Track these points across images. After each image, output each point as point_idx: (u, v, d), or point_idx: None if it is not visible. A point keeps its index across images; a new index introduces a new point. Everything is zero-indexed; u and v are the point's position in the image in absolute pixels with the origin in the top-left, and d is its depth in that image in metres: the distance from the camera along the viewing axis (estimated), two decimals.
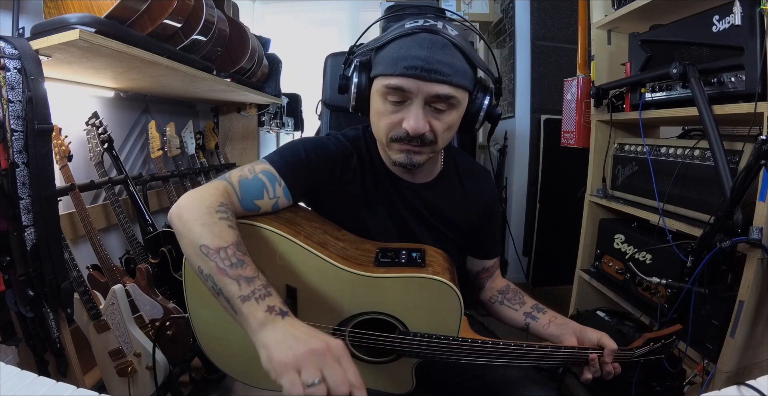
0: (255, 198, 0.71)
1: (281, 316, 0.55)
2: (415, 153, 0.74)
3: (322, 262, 0.70)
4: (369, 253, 0.77)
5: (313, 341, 0.52)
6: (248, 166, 0.75)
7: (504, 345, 0.72)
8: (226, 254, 0.59)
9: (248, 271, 0.58)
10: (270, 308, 0.55)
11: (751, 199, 0.89)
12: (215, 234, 0.61)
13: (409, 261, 0.73)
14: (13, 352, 1.16)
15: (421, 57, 0.67)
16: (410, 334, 0.71)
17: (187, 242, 0.62)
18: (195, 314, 0.77)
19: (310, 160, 0.77)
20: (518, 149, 2.58)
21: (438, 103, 0.70)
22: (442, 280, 0.69)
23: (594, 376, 0.77)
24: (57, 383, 0.58)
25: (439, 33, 0.69)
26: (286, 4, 3.32)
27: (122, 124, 1.80)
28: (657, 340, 0.82)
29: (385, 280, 0.70)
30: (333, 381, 0.49)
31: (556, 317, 0.86)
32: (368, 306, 0.72)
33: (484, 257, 0.95)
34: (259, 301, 0.56)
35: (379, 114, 0.74)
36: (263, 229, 0.70)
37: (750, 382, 0.61)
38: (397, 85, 0.69)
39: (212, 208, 0.64)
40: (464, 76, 0.70)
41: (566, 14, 2.36)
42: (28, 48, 0.98)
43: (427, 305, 0.71)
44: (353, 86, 0.75)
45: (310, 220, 0.80)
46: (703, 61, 1.06)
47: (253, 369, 0.80)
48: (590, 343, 0.79)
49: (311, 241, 0.72)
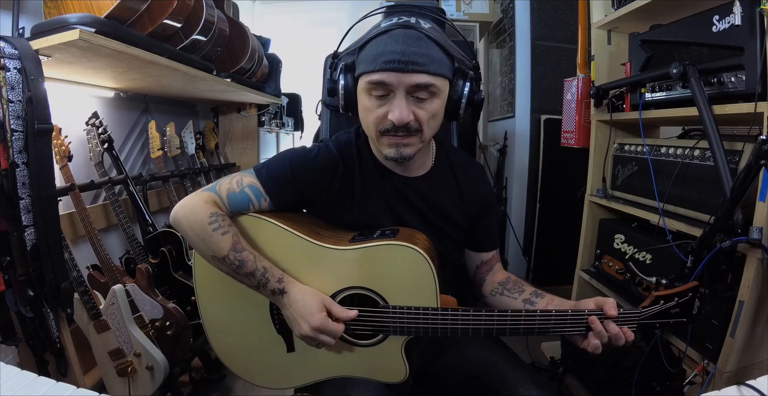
0: (242, 209, 0.80)
1: (281, 296, 0.74)
2: (404, 145, 0.76)
3: (303, 241, 0.77)
4: (347, 235, 0.81)
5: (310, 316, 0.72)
6: (237, 178, 0.81)
7: (487, 312, 0.73)
8: (229, 261, 0.74)
9: (248, 267, 0.74)
10: (273, 291, 0.74)
11: (751, 199, 0.89)
12: (212, 245, 0.74)
13: (381, 235, 0.78)
14: (13, 352, 1.16)
15: (397, 51, 0.70)
16: (390, 307, 0.74)
17: (197, 251, 0.79)
18: (204, 310, 0.83)
19: (295, 175, 0.81)
20: (518, 149, 2.58)
21: (419, 92, 0.73)
22: (408, 246, 0.72)
23: (602, 341, 0.72)
24: (57, 383, 0.58)
25: (413, 27, 0.72)
26: (286, 4, 3.32)
27: (122, 124, 1.80)
28: (669, 299, 0.74)
29: (358, 252, 0.75)
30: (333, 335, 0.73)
31: (554, 299, 0.85)
32: (349, 282, 0.76)
33: (481, 250, 0.96)
34: (263, 289, 0.75)
35: (366, 110, 0.77)
36: (250, 216, 0.79)
37: (750, 382, 0.61)
38: (378, 80, 0.72)
39: (204, 221, 0.75)
40: (441, 64, 0.73)
41: (566, 14, 2.37)
42: (28, 48, 0.98)
43: (402, 275, 0.74)
44: (340, 88, 0.78)
45: (298, 213, 0.86)
46: (703, 61, 1.06)
47: (258, 366, 0.83)
48: (587, 308, 0.75)
49: (294, 224, 0.79)
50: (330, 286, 0.77)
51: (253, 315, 0.82)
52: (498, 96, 2.90)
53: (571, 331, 0.74)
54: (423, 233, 0.82)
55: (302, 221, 0.83)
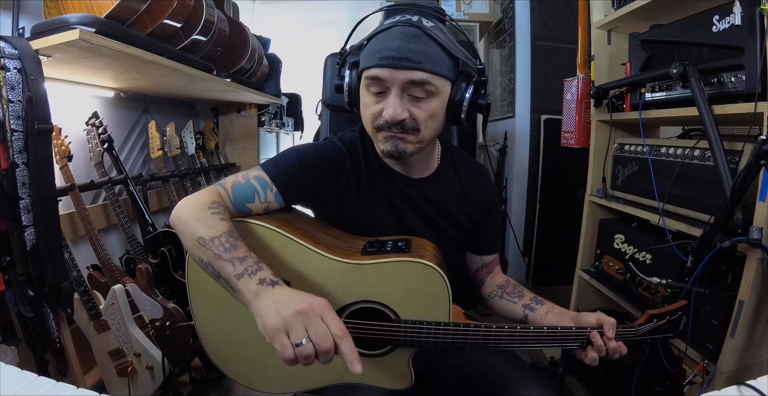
0: (246, 201, 0.76)
1: (272, 286, 0.61)
2: (399, 139, 0.75)
3: (312, 253, 0.73)
4: (357, 245, 0.79)
5: (298, 303, 0.57)
6: (242, 173, 0.79)
7: (497, 328, 0.72)
8: (220, 242, 0.65)
9: (240, 252, 0.65)
10: (262, 280, 0.61)
11: (751, 199, 0.89)
12: (209, 226, 0.67)
13: (395, 249, 0.76)
14: (13, 352, 1.16)
15: (393, 47, 0.70)
16: (402, 321, 0.72)
17: (187, 237, 0.69)
18: (198, 316, 0.79)
19: (303, 168, 0.80)
20: (518, 149, 2.58)
21: (414, 89, 0.72)
22: (425, 263, 0.70)
23: (600, 355, 0.75)
24: (57, 383, 0.58)
25: (413, 25, 0.72)
26: (286, 4, 3.32)
27: (122, 124, 1.80)
28: (661, 317, 0.79)
29: (371, 266, 0.72)
30: (316, 337, 0.55)
31: (554, 308, 0.86)
32: (359, 295, 0.74)
33: (483, 253, 0.96)
34: (251, 276, 0.62)
35: (365, 106, 0.77)
36: (255, 224, 0.74)
37: (750, 382, 0.61)
38: (374, 75, 0.72)
39: (205, 205, 0.70)
40: (439, 63, 0.72)
41: (566, 14, 2.36)
42: (28, 48, 0.98)
43: (415, 290, 0.72)
44: (345, 84, 0.79)
45: (301, 219, 0.83)
46: (703, 61, 1.06)
47: (254, 371, 0.81)
48: (588, 324, 0.78)
49: (302, 234, 0.75)
50: (339, 299, 0.74)
51: (249, 320, 0.79)
52: (498, 96, 2.90)
53: (574, 345, 0.77)
54: (429, 240, 0.81)
55: (306, 228, 0.80)
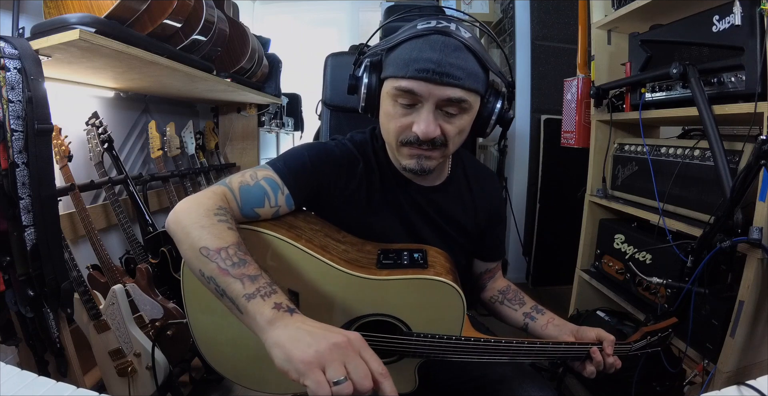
0: (256, 206, 0.70)
1: (290, 313, 0.53)
2: (426, 158, 0.72)
3: (325, 265, 0.69)
4: (370, 254, 0.77)
5: (333, 336, 0.50)
6: (250, 172, 0.73)
7: (506, 343, 0.72)
8: (227, 254, 0.57)
9: (251, 269, 0.56)
10: (277, 305, 0.53)
11: (751, 199, 0.89)
12: (215, 235, 0.59)
13: (412, 262, 0.73)
14: (13, 352, 1.16)
15: (433, 60, 0.65)
16: (413, 335, 0.70)
17: (186, 247, 0.61)
18: (194, 319, 0.77)
19: (315, 166, 0.76)
20: (518, 149, 2.58)
21: (449, 107, 0.68)
22: (445, 282, 0.69)
23: (597, 369, 0.78)
24: (57, 383, 0.58)
25: (452, 35, 0.67)
26: (286, 4, 3.32)
27: (122, 124, 1.80)
28: (654, 334, 0.83)
29: (389, 283, 0.70)
30: (357, 376, 0.48)
31: (554, 318, 0.87)
32: (371, 308, 0.72)
33: (488, 260, 0.96)
34: (265, 299, 0.54)
35: (389, 116, 0.72)
36: (264, 233, 0.69)
37: (750, 382, 0.61)
38: (407, 88, 0.67)
39: (210, 211, 0.63)
40: (476, 79, 0.69)
41: (566, 14, 2.36)
42: (28, 48, 0.98)
43: (430, 306, 0.71)
44: (363, 87, 0.73)
45: (311, 223, 0.79)
46: (703, 61, 1.06)
47: (252, 372, 0.80)
48: (589, 340, 0.79)
49: (312, 244, 0.72)
50: (351, 311, 0.72)
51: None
52: None
53: (575, 359, 0.80)
54: (440, 249, 0.80)
55: (314, 235, 0.76)
